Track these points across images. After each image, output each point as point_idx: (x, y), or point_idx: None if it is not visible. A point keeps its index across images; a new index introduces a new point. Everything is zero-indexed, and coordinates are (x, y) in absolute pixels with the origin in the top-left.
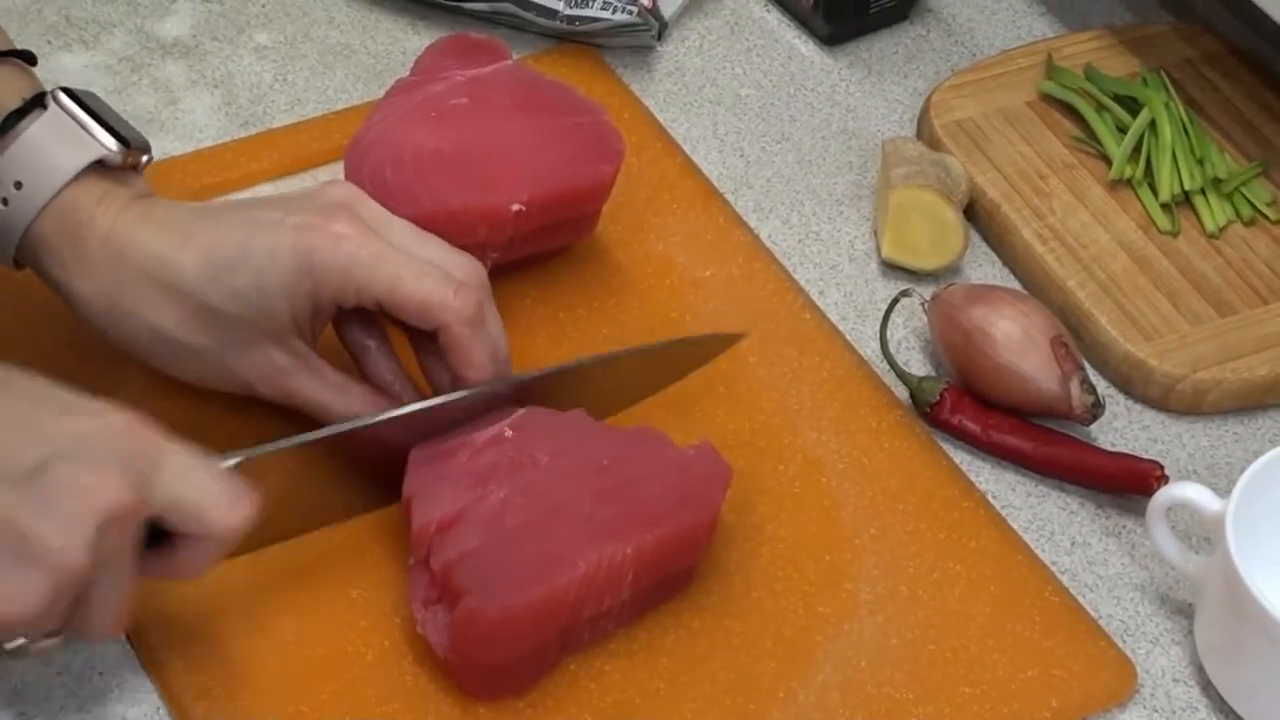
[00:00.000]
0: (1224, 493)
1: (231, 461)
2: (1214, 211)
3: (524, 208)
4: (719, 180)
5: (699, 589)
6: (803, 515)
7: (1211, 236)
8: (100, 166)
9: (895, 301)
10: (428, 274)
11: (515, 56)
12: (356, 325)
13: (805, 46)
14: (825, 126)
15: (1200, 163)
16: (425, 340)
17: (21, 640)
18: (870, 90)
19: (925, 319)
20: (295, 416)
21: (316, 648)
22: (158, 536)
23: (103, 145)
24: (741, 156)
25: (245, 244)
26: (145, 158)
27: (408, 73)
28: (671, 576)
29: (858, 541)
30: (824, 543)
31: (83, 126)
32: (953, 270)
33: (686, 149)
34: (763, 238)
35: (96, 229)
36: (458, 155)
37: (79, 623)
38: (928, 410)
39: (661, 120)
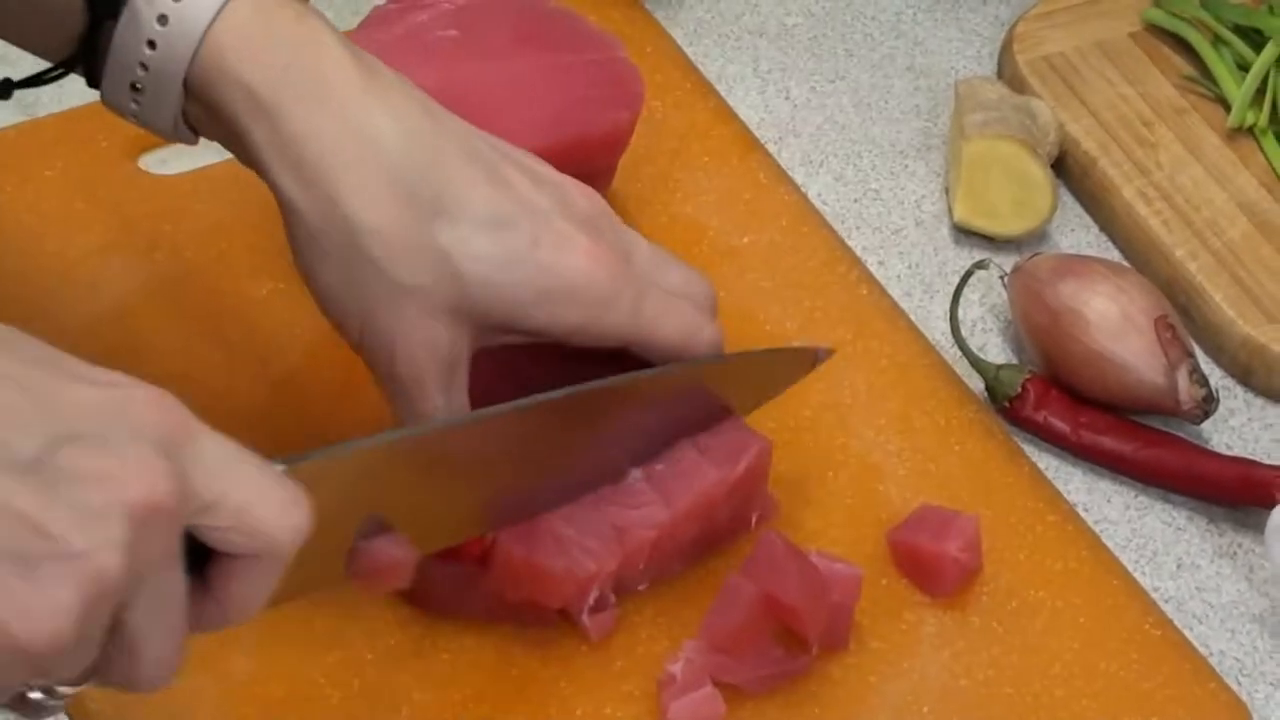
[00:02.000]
0: None
1: (278, 467)
2: None
3: None
4: (759, 128)
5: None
6: (856, 531)
7: None
8: None
9: (969, 274)
10: (679, 310)
11: None
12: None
13: None
14: (888, 63)
15: None
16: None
17: (41, 689)
18: (942, 19)
19: (1005, 296)
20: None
21: (274, 688)
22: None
23: None
24: (787, 99)
25: (506, 212)
26: None
27: None
28: None
29: None
30: (881, 564)
31: None
32: (1039, 237)
33: (721, 90)
34: (811, 196)
35: (301, 59)
36: (445, 98)
37: (118, 663)
38: (1007, 405)
39: (691, 55)
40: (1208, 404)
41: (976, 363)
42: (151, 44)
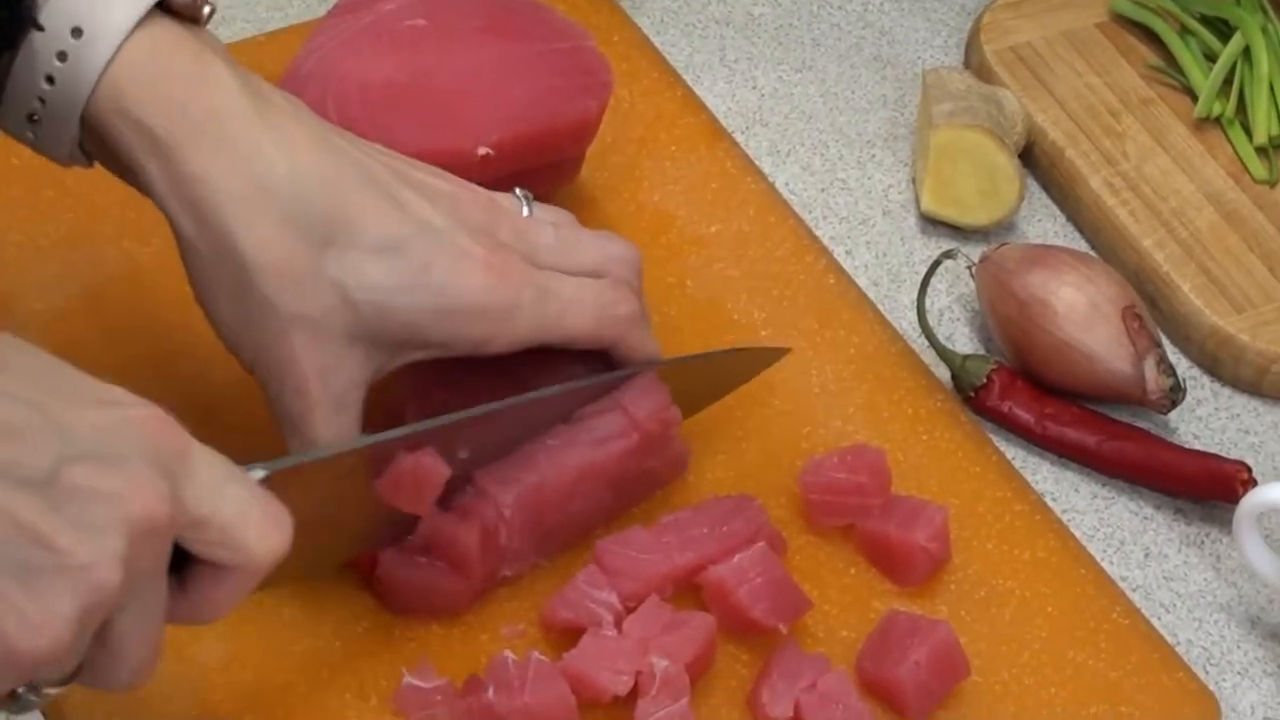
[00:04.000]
0: None
1: (260, 473)
2: None
3: (492, 151)
4: (727, 117)
5: (695, 605)
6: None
7: None
8: (164, 11)
9: (937, 264)
10: (586, 297)
11: None
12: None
13: None
14: (855, 53)
15: None
16: None
17: (28, 688)
18: (909, 9)
19: (972, 285)
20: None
21: (243, 676)
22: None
23: None
24: (754, 88)
25: (402, 233)
26: (208, 8)
27: None
28: None
29: None
30: (847, 554)
31: None
32: (1006, 227)
33: (688, 79)
34: (779, 186)
35: (197, 99)
36: (413, 88)
37: (101, 665)
38: (973, 395)
39: (658, 44)
40: (1175, 394)
41: (943, 352)
42: (50, 79)
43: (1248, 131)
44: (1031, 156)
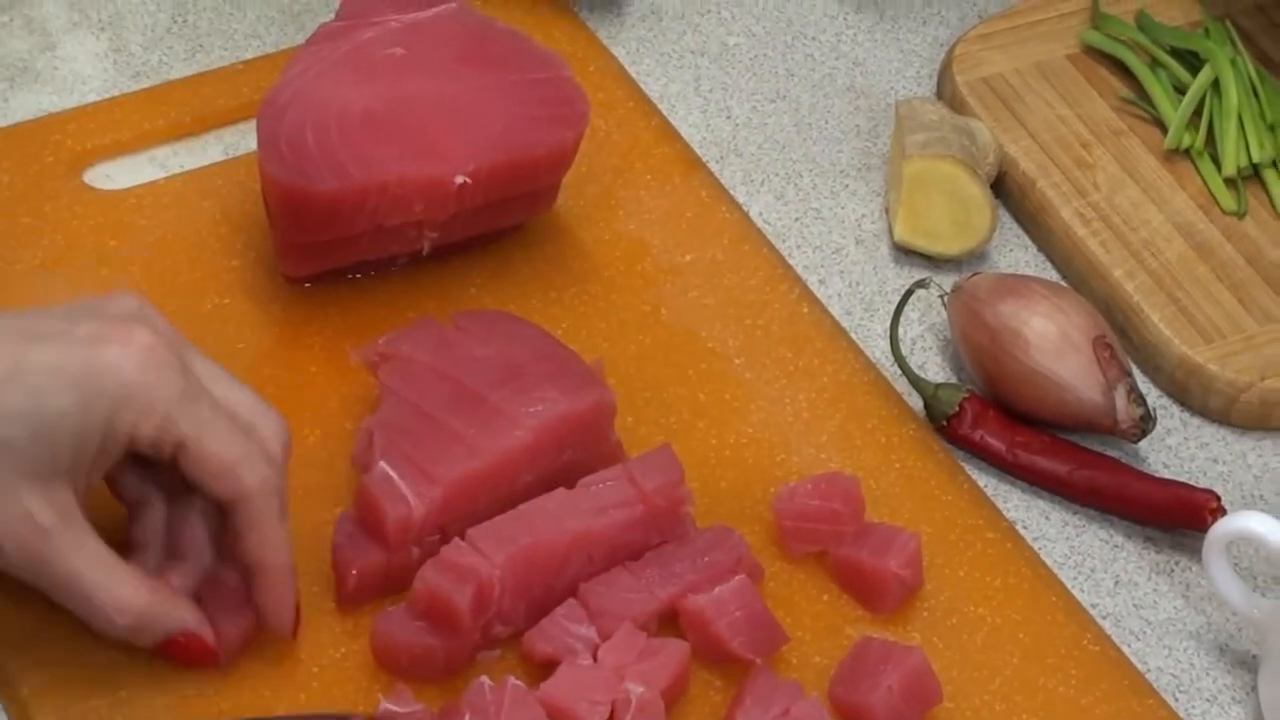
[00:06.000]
0: None
1: None
2: None
3: (469, 180)
4: (701, 147)
5: (672, 632)
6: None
7: None
8: None
9: (909, 293)
10: (237, 430)
11: None
12: (136, 472)
13: None
14: (828, 83)
15: (1272, 130)
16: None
17: None
18: (882, 40)
19: (944, 315)
20: None
21: (219, 701)
22: None
23: None
24: (728, 118)
25: (18, 357)
26: None
27: (333, 16)
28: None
29: None
30: (820, 581)
31: None
32: (978, 257)
33: (663, 109)
34: (753, 215)
35: None
36: (391, 116)
37: None
38: (945, 423)
39: (634, 74)
40: (1145, 423)
41: (915, 381)
42: None
43: (1217, 163)
44: (1003, 187)
